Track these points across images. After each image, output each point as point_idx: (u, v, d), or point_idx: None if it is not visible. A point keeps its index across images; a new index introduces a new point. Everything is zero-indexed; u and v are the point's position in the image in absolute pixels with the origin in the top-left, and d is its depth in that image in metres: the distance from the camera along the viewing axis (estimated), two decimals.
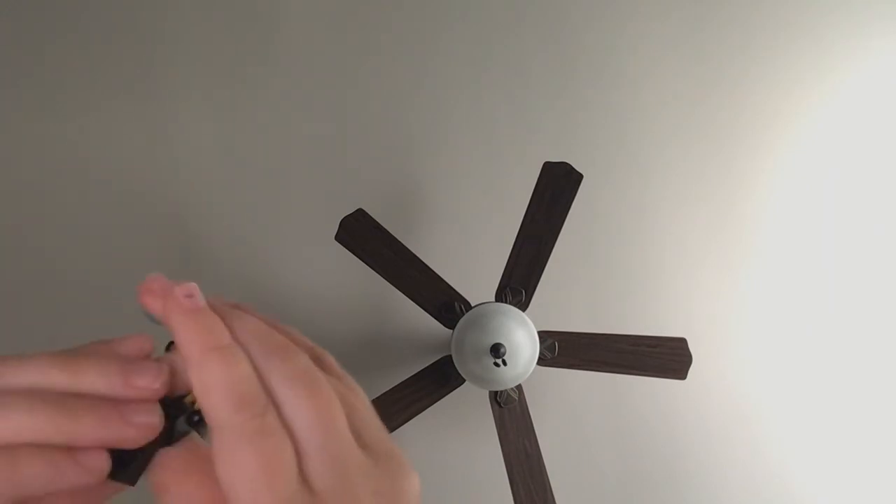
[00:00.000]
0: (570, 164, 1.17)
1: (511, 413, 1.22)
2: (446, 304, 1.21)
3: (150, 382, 0.24)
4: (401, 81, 1.56)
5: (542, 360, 1.21)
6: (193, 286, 0.25)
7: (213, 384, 0.23)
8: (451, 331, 1.20)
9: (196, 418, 0.25)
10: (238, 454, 0.23)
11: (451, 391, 1.24)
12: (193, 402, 0.25)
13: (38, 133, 1.48)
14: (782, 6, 1.59)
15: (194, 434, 0.25)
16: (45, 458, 0.22)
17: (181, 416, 0.25)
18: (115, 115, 1.50)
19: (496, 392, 1.21)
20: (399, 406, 1.21)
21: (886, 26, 1.59)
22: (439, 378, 1.23)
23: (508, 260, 1.21)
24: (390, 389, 1.22)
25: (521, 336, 1.18)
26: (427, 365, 1.25)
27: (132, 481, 0.24)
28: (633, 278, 1.56)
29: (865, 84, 1.59)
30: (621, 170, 1.57)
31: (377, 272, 1.20)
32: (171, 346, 0.26)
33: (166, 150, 1.50)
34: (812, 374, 1.55)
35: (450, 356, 1.20)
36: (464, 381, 1.21)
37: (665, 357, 1.22)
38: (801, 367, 1.55)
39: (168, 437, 0.25)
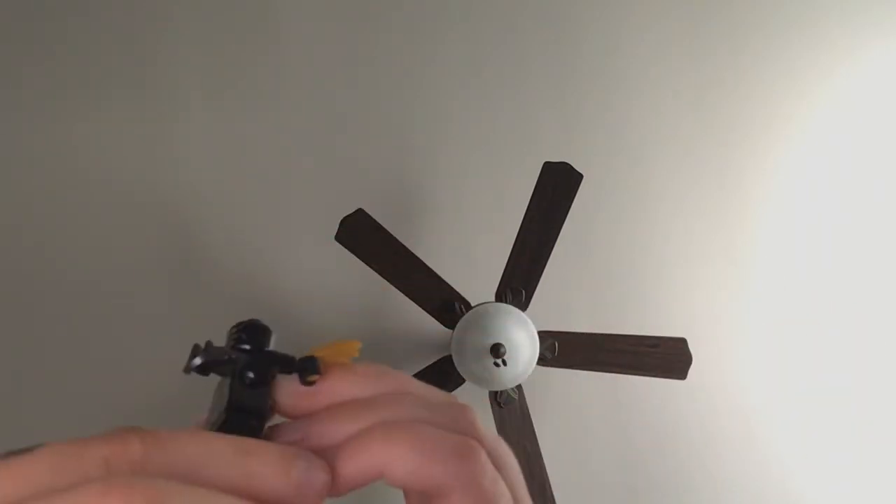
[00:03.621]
0: (570, 164, 1.17)
1: (511, 413, 1.22)
2: (446, 304, 1.21)
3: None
4: (401, 81, 1.56)
5: (542, 361, 1.21)
6: None
7: None
8: (451, 331, 1.20)
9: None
10: None
11: (451, 391, 1.24)
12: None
13: (37, 134, 1.48)
14: (782, 6, 1.59)
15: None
16: None
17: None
18: (115, 115, 1.50)
19: (496, 392, 1.21)
20: None
21: (886, 27, 1.59)
22: (439, 378, 1.23)
23: (508, 260, 1.21)
24: None
25: (521, 336, 1.17)
26: (427, 365, 1.25)
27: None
28: (633, 278, 1.56)
29: (865, 83, 1.59)
30: (621, 170, 1.57)
31: (377, 272, 1.19)
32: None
33: (166, 151, 1.50)
34: (813, 374, 1.55)
35: (450, 356, 1.20)
36: (464, 381, 1.21)
37: (665, 357, 1.22)
38: (802, 366, 1.55)
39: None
